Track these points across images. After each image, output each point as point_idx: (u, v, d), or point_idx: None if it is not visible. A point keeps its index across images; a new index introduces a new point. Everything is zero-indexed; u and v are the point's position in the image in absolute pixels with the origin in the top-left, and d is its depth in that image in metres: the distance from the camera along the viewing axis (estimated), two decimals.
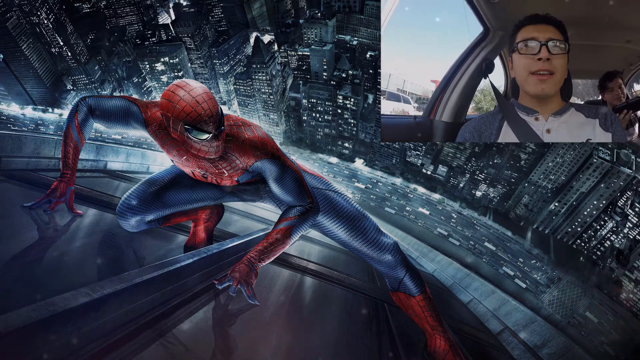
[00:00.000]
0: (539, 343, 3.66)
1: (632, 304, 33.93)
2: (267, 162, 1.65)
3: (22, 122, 47.44)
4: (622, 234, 37.32)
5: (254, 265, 1.54)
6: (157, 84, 50.99)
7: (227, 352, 1.40)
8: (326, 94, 46.71)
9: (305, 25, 47.36)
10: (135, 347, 1.13)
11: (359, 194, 46.98)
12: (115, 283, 1.17)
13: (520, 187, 43.26)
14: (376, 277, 3.81)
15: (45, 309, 0.91)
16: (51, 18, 46.71)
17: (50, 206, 1.78)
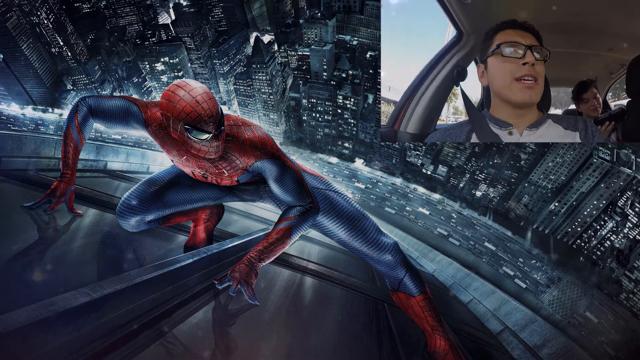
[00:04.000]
0: (539, 343, 3.66)
1: (632, 304, 33.93)
2: (267, 162, 1.65)
3: (22, 122, 47.41)
4: (622, 234, 37.32)
5: (254, 265, 1.54)
6: (157, 84, 50.99)
7: (227, 352, 1.40)
8: (326, 94, 46.72)
9: (305, 25, 47.37)
10: (135, 347, 1.13)
11: (359, 194, 46.98)
12: (115, 283, 1.17)
13: (520, 187, 43.26)
14: (376, 277, 3.81)
15: (45, 309, 0.91)
16: (51, 18, 46.69)
17: (50, 206, 1.78)
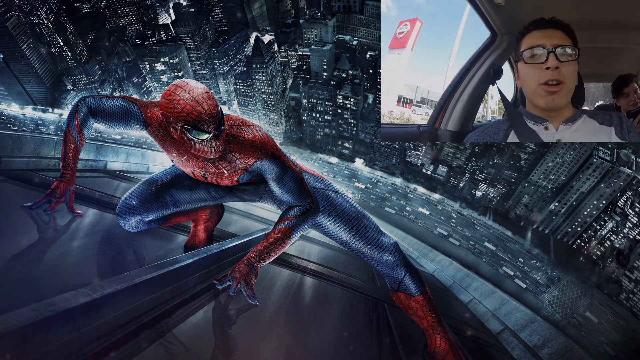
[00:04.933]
0: (539, 343, 3.66)
1: (632, 304, 33.93)
2: (267, 162, 1.65)
3: (22, 122, 47.43)
4: (622, 234, 37.32)
5: (254, 265, 1.54)
6: (157, 84, 50.99)
7: (227, 352, 1.40)
8: (326, 94, 46.72)
9: (305, 25, 47.37)
10: (135, 347, 1.13)
11: (359, 194, 46.98)
12: (115, 283, 1.17)
13: (520, 187, 43.26)
14: (376, 277, 3.81)
15: (45, 309, 0.91)
16: (51, 18, 46.69)
17: (50, 206, 1.78)
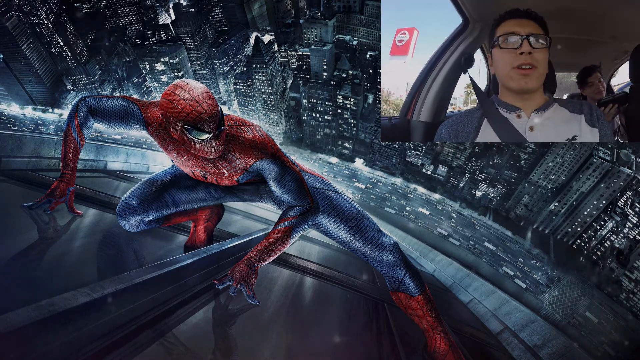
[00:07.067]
0: (539, 343, 3.65)
1: (632, 304, 33.93)
2: (267, 162, 1.65)
3: (22, 122, 47.41)
4: (622, 234, 37.31)
5: (254, 265, 1.54)
6: (157, 84, 50.96)
7: (227, 352, 1.40)
8: (326, 94, 46.70)
9: (305, 25, 47.35)
10: (135, 347, 1.13)
11: (359, 194, 46.97)
12: (115, 283, 1.17)
13: (520, 187, 43.25)
14: (376, 277, 3.81)
15: (45, 309, 0.91)
16: (51, 18, 46.67)
17: (50, 206, 1.78)
